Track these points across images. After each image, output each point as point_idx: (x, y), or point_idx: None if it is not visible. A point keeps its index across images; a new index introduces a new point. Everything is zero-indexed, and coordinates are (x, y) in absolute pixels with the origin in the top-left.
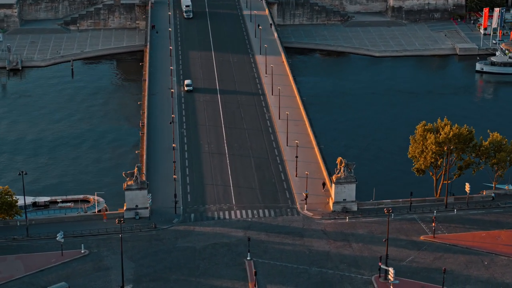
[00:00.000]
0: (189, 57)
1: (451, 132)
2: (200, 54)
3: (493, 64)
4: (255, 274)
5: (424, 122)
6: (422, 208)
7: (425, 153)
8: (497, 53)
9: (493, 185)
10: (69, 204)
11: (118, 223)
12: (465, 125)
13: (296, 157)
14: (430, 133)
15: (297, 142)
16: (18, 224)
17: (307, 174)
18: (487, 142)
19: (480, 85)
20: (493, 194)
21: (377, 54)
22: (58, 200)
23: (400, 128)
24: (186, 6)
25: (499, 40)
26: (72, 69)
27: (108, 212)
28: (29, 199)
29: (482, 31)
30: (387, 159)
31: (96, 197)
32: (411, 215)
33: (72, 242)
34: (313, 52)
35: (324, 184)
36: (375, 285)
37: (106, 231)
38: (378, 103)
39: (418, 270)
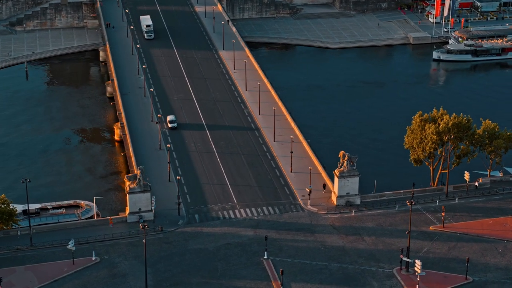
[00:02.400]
0: (152, 56)
1: (451, 122)
2: (162, 52)
3: (449, 52)
4: (282, 273)
5: (420, 112)
6: (424, 199)
7: (424, 143)
8: (450, 41)
9: (488, 172)
10: (61, 210)
11: (142, 228)
12: (461, 114)
13: (291, 152)
14: (429, 123)
15: (291, 138)
16: (19, 233)
17: (310, 169)
18: (480, 130)
19: (440, 73)
20: (476, 184)
21: (332, 46)
22: (48, 207)
23: (383, 119)
24: (147, 26)
25: (450, 28)
26: (26, 70)
27: (113, 217)
28: (19, 207)
29: (431, 19)
30: (376, 151)
31: (87, 202)
32: (414, 205)
33: (79, 250)
34: (267, 46)
35: (324, 185)
36: (398, 278)
37: (112, 237)
38: (347, 95)
39: (436, 261)
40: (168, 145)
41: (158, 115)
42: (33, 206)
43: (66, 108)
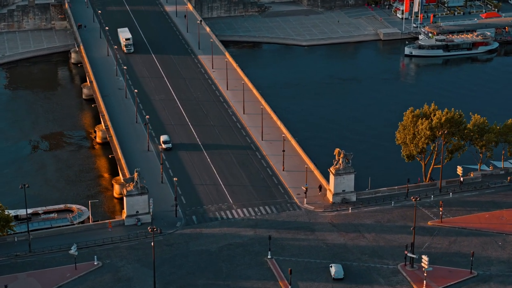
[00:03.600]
0: (129, 57)
1: (443, 117)
2: (138, 54)
3: (421, 47)
4: (290, 273)
5: (411, 108)
6: (418, 194)
7: (417, 139)
8: (420, 37)
9: (478, 167)
10: (52, 215)
11: (151, 231)
12: (452, 109)
13: (283, 151)
14: (422, 119)
15: (283, 136)
16: (16, 239)
17: (306, 167)
18: (470, 125)
19: (413, 69)
20: (461, 179)
21: (304, 44)
22: (39, 212)
23: (367, 115)
24: (126, 39)
25: (419, 24)
26: None
27: (112, 220)
28: (10, 213)
29: (399, 15)
30: (364, 146)
31: (78, 206)
32: (410, 201)
33: (80, 254)
34: (238, 45)
35: (320, 187)
36: (404, 274)
37: (112, 240)
38: (327, 92)
39: (438, 256)
40: (160, 147)
41: (147, 117)
42: (24, 212)
43: (42, 112)
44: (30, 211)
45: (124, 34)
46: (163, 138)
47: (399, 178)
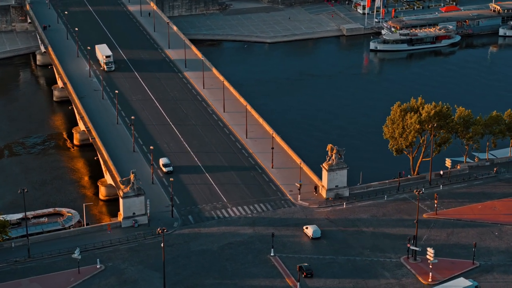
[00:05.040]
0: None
1: (433, 111)
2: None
3: (385, 42)
4: (299, 270)
5: (399, 102)
6: (409, 187)
7: (406, 133)
8: (383, 31)
9: (464, 159)
10: (43, 219)
11: (160, 232)
12: (440, 102)
13: (272, 148)
14: (411, 113)
15: (273, 134)
16: (13, 245)
17: (300, 163)
18: (455, 117)
19: (379, 63)
20: (441, 172)
21: (268, 41)
22: (29, 216)
23: (348, 109)
24: (106, 56)
25: (381, 19)
26: None
27: (111, 222)
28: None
29: (360, 11)
30: (349, 141)
31: (67, 209)
32: (401, 194)
33: (80, 258)
34: (202, 43)
35: (316, 187)
36: (408, 267)
37: (111, 243)
38: (301, 88)
39: (438, 248)
40: (151, 147)
41: (132, 117)
42: (15, 216)
43: (11, 116)
44: (20, 216)
45: (103, 51)
46: (162, 161)
47: (387, 172)
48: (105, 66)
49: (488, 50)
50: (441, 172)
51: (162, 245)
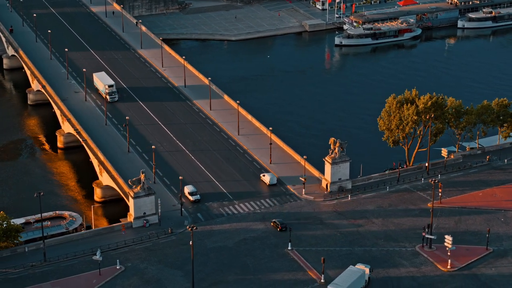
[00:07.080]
0: (72, 59)
1: (430, 102)
2: (82, 55)
3: (349, 37)
4: (323, 262)
5: (394, 94)
6: (409, 178)
7: (403, 124)
8: (345, 26)
9: (456, 148)
10: (46, 223)
11: (190, 229)
12: (434, 93)
13: (270, 144)
14: (407, 104)
15: (270, 129)
16: (27, 249)
17: (305, 158)
18: (447, 108)
19: (344, 57)
20: (426, 164)
21: (233, 38)
22: (31, 221)
23: (332, 103)
24: (109, 86)
25: (342, 14)
26: None
27: (124, 223)
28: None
29: (319, 6)
30: (342, 134)
31: (68, 212)
32: (402, 185)
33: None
34: (168, 43)
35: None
36: (425, 255)
37: (125, 243)
38: (277, 84)
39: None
40: (153, 147)
41: (127, 118)
42: (18, 221)
43: None
44: (22, 220)
45: (104, 80)
46: (188, 189)
47: (382, 163)
48: (108, 97)
49: (447, 41)
50: (427, 164)
51: (191, 242)
